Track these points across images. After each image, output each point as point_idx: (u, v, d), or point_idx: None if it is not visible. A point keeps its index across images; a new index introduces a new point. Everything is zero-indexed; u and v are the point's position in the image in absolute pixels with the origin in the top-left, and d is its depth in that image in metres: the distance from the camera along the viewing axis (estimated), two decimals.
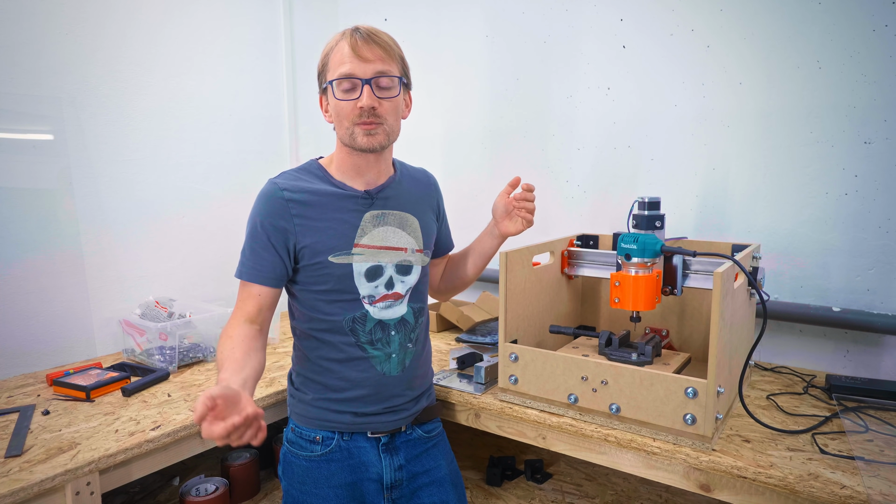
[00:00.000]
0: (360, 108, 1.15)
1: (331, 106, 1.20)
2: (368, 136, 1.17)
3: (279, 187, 1.19)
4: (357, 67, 1.14)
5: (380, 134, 1.18)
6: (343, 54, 1.15)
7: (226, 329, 1.17)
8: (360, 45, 1.15)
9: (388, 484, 1.26)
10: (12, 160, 1.60)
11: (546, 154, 2.01)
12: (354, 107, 1.15)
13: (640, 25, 1.77)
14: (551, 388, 1.26)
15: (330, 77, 1.17)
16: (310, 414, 1.25)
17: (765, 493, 1.03)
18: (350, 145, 1.19)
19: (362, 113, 1.15)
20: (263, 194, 1.20)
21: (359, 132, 1.17)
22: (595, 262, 1.45)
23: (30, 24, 1.60)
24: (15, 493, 1.02)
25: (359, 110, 1.15)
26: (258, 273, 1.20)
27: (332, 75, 1.16)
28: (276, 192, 1.19)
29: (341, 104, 1.17)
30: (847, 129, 1.50)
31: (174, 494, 1.64)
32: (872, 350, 1.53)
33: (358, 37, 1.16)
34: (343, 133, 1.19)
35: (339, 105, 1.17)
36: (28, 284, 1.63)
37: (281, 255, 1.19)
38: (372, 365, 1.24)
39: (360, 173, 1.24)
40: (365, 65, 1.15)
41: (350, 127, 1.17)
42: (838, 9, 1.48)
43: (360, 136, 1.17)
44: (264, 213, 1.19)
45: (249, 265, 1.20)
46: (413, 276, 1.29)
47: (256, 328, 1.19)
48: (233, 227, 2.15)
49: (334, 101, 1.18)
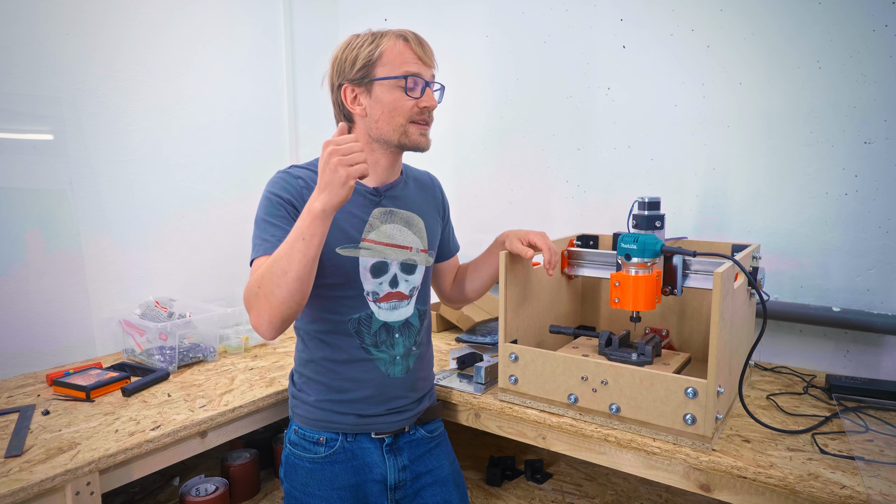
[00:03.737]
0: (422, 108, 1.20)
1: (379, 101, 1.19)
2: (423, 135, 1.22)
3: (292, 175, 1.20)
4: (423, 69, 1.19)
5: (429, 135, 1.24)
6: (405, 54, 1.18)
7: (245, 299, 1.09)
8: (423, 49, 1.20)
9: (392, 485, 1.26)
10: (12, 160, 1.60)
11: (546, 154, 2.01)
12: (415, 105, 1.19)
13: (640, 25, 1.77)
14: (551, 388, 1.26)
15: (388, 72, 1.18)
16: (313, 415, 1.25)
17: (765, 493, 1.03)
18: (397, 142, 1.21)
19: (423, 111, 1.20)
20: (278, 178, 1.20)
21: (413, 130, 1.21)
22: (595, 262, 1.45)
23: (30, 24, 1.60)
24: (15, 493, 1.02)
25: (419, 109, 1.19)
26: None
27: (394, 71, 1.18)
28: (290, 178, 1.19)
29: (401, 100, 1.18)
30: (847, 129, 1.50)
31: (174, 494, 1.64)
32: (872, 350, 1.53)
33: (420, 39, 1.21)
34: (391, 129, 1.20)
35: (398, 101, 1.18)
36: (28, 285, 1.63)
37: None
38: (376, 366, 1.24)
39: (376, 171, 1.25)
40: (426, 68, 1.20)
41: (404, 124, 1.20)
42: (838, 9, 1.48)
43: (416, 135, 1.21)
44: (284, 192, 1.16)
45: (275, 240, 1.10)
46: (417, 276, 1.29)
47: None
48: (233, 227, 2.15)
49: (393, 97, 1.18)
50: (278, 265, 1.02)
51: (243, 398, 1.43)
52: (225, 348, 1.83)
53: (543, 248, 1.25)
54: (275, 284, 1.03)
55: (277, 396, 1.48)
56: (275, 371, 1.64)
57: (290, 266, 1.01)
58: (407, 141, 1.21)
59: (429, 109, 1.21)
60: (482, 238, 1.59)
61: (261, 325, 1.08)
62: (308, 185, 1.19)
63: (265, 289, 1.04)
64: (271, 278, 1.03)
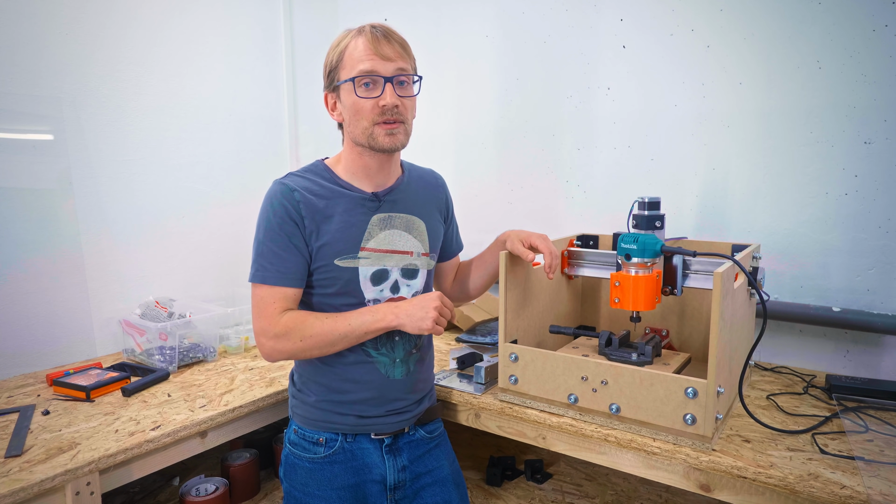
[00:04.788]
0: (381, 107, 1.12)
1: (345, 104, 1.17)
2: (390, 135, 1.15)
3: (289, 188, 1.17)
4: (378, 65, 1.12)
5: (400, 133, 1.17)
6: (362, 51, 1.12)
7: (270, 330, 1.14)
8: (381, 43, 1.13)
9: (392, 485, 1.26)
10: (12, 160, 1.60)
11: (546, 154, 2.01)
12: (375, 105, 1.13)
13: (640, 25, 1.77)
14: (551, 388, 1.25)
15: (347, 74, 1.14)
16: (313, 416, 1.25)
17: (765, 493, 1.03)
18: (368, 145, 1.16)
19: (384, 111, 1.13)
20: (274, 194, 1.17)
21: (379, 132, 1.14)
22: (595, 262, 1.45)
23: (30, 24, 1.60)
24: (15, 493, 1.02)
25: (380, 109, 1.13)
26: (283, 275, 1.16)
27: (350, 73, 1.13)
28: (287, 192, 1.16)
29: (361, 102, 1.13)
30: (847, 129, 1.50)
31: (174, 494, 1.64)
32: (872, 350, 1.53)
33: (377, 34, 1.13)
34: (359, 133, 1.16)
35: (359, 103, 1.13)
36: (28, 285, 1.63)
37: (303, 255, 1.17)
38: (376, 368, 1.24)
39: (370, 175, 1.22)
40: (386, 63, 1.13)
41: (369, 127, 1.14)
42: (838, 9, 1.48)
43: (381, 136, 1.15)
44: (281, 214, 1.15)
45: (273, 269, 1.16)
46: (419, 280, 1.28)
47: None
48: (233, 227, 2.15)
49: (352, 100, 1.14)
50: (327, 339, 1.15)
51: (243, 398, 1.43)
52: (225, 348, 1.83)
53: (544, 251, 1.25)
54: (317, 348, 1.16)
55: (277, 396, 1.48)
56: (275, 371, 1.64)
57: (337, 346, 1.17)
58: (375, 144, 1.15)
59: (388, 108, 1.13)
60: (482, 238, 1.59)
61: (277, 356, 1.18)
62: (305, 198, 1.16)
63: (307, 343, 1.15)
64: (316, 344, 1.15)
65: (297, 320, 1.15)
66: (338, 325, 1.14)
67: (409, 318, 1.14)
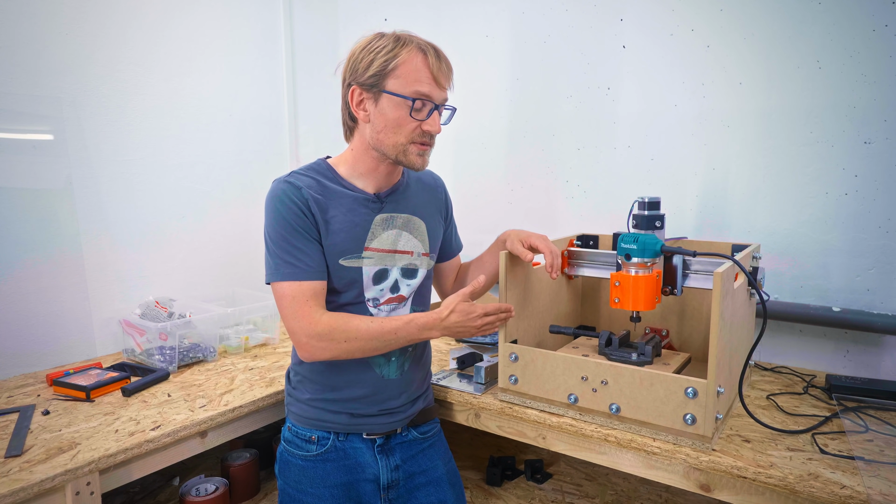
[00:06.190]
0: (424, 131, 1.16)
1: (385, 113, 1.15)
2: (421, 156, 1.19)
3: (296, 185, 1.17)
4: (435, 91, 1.15)
5: (428, 156, 1.21)
6: (420, 71, 1.13)
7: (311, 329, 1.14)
8: (441, 69, 1.16)
9: (385, 484, 1.26)
10: (12, 160, 1.60)
11: (546, 154, 2.01)
12: (419, 127, 1.15)
13: (640, 25, 1.77)
14: (551, 388, 1.25)
15: (401, 88, 1.13)
16: (306, 413, 1.25)
17: (765, 493, 1.03)
18: (395, 158, 1.18)
19: (424, 134, 1.16)
20: (283, 192, 1.16)
21: (413, 151, 1.17)
22: (595, 262, 1.45)
23: (30, 24, 1.60)
24: (15, 493, 1.02)
25: (421, 131, 1.16)
26: (311, 269, 1.16)
27: (406, 89, 1.13)
28: (294, 189, 1.16)
29: (405, 119, 1.14)
30: (847, 129, 1.50)
31: (174, 494, 1.64)
32: (872, 350, 1.53)
33: (438, 58, 1.16)
34: (391, 145, 1.17)
35: (402, 119, 1.14)
36: (28, 285, 1.63)
37: (321, 248, 1.17)
38: (371, 367, 1.24)
39: (376, 177, 1.23)
40: (440, 91, 1.17)
41: (405, 144, 1.16)
42: (838, 9, 1.48)
43: (414, 156, 1.18)
44: (293, 210, 1.15)
45: (302, 264, 1.15)
46: (417, 280, 1.29)
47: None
48: (233, 227, 2.15)
49: (398, 115, 1.14)
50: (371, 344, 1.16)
51: (243, 398, 1.43)
52: (225, 348, 1.83)
53: (545, 251, 1.25)
54: (360, 351, 1.17)
55: (277, 396, 1.48)
56: (275, 371, 1.64)
57: (378, 351, 1.19)
58: (404, 160, 1.18)
59: (430, 133, 1.17)
60: (482, 238, 1.59)
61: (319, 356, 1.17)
62: (312, 196, 1.17)
63: (351, 345, 1.15)
64: (359, 347, 1.16)
65: (339, 321, 1.15)
66: (384, 332, 1.16)
67: (448, 331, 1.19)
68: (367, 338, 1.15)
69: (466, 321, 1.18)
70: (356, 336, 1.14)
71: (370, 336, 1.15)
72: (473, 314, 1.18)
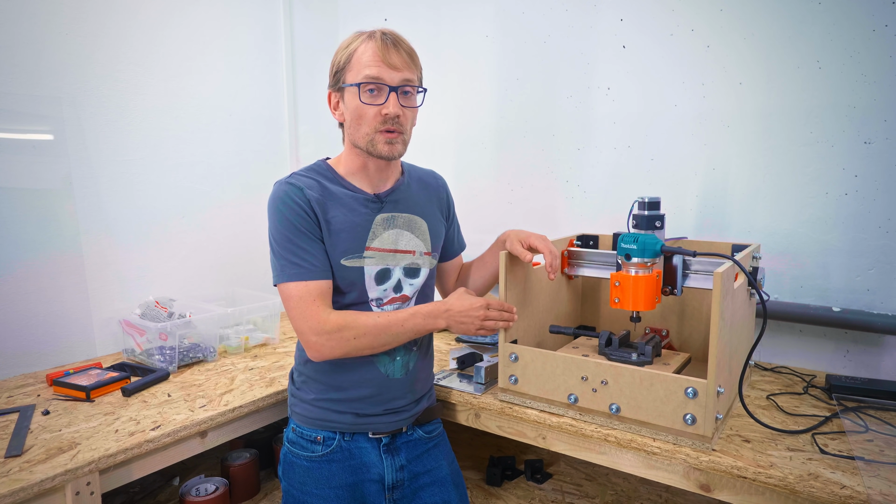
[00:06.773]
0: (384, 115, 1.14)
1: (348, 107, 1.18)
2: (389, 144, 1.17)
3: (297, 186, 1.17)
4: (385, 73, 1.13)
5: (399, 143, 1.18)
6: (370, 57, 1.13)
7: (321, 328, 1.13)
8: (390, 50, 1.13)
9: (390, 484, 1.26)
10: (12, 160, 1.60)
11: (546, 154, 2.01)
12: (378, 112, 1.14)
13: (640, 25, 1.77)
14: (551, 388, 1.26)
15: (353, 78, 1.15)
16: (311, 414, 1.25)
17: (765, 493, 1.03)
18: (367, 150, 1.18)
19: (386, 120, 1.14)
20: (286, 193, 1.17)
21: (380, 139, 1.16)
22: (595, 262, 1.45)
23: (30, 24, 1.60)
24: (15, 493, 1.02)
25: (382, 117, 1.14)
26: (316, 269, 1.16)
27: (357, 77, 1.14)
28: (296, 190, 1.17)
29: (364, 108, 1.14)
30: (847, 129, 1.50)
31: (174, 494, 1.64)
32: (872, 350, 1.53)
33: (387, 41, 1.14)
34: (360, 137, 1.17)
35: (362, 108, 1.15)
36: (28, 285, 1.63)
37: (325, 248, 1.18)
38: (376, 367, 1.24)
39: (370, 176, 1.24)
40: (393, 72, 1.14)
41: (370, 133, 1.16)
42: (838, 9, 1.48)
43: (381, 144, 1.16)
44: (297, 211, 1.16)
45: (308, 264, 1.15)
46: (420, 279, 1.29)
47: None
48: (233, 227, 2.15)
49: (356, 104, 1.15)
50: (380, 339, 1.17)
51: (243, 398, 1.43)
52: (225, 348, 1.83)
53: (544, 252, 1.25)
54: (369, 347, 1.17)
55: (277, 396, 1.48)
56: (275, 371, 1.64)
57: (387, 346, 1.19)
58: (374, 150, 1.17)
59: (390, 117, 1.14)
60: (483, 238, 1.59)
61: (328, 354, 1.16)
62: (314, 196, 1.17)
63: (360, 342, 1.16)
64: (368, 343, 1.16)
65: (348, 318, 1.15)
66: (391, 324, 1.17)
67: (456, 325, 1.21)
68: (375, 332, 1.16)
69: (470, 310, 1.19)
70: (365, 332, 1.15)
71: (378, 330, 1.16)
72: (477, 304, 1.20)
